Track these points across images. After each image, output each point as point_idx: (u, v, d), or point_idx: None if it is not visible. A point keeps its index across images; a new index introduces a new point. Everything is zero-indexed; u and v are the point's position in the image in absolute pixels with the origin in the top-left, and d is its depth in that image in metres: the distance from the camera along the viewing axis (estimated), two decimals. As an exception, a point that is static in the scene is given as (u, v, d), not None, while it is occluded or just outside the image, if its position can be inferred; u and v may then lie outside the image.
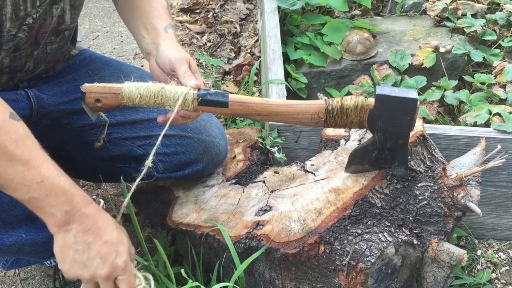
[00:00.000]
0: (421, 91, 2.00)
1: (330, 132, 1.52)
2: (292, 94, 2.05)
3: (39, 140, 1.38)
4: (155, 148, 1.11)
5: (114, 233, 1.01)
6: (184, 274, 1.28)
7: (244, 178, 1.49)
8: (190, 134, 1.38)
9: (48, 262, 1.46)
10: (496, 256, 1.68)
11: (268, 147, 1.59)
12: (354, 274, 1.17)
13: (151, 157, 1.09)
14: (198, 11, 3.01)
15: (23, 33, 1.11)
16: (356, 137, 1.44)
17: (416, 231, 1.25)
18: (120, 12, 1.38)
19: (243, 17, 2.96)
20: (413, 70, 2.07)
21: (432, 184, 1.24)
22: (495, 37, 2.17)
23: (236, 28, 2.84)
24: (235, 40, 2.78)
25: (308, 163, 1.44)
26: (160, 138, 1.10)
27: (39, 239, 1.23)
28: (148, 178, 1.44)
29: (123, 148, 1.38)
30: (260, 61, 2.36)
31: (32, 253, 1.25)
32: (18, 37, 1.11)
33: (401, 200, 1.25)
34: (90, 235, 0.97)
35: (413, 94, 1.08)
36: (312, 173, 1.39)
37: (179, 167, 1.39)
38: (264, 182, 1.44)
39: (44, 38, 1.19)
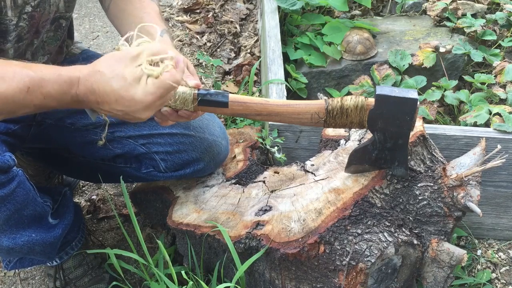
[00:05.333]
0: (421, 91, 2.00)
1: (330, 132, 1.52)
2: (292, 94, 2.05)
3: (43, 141, 1.39)
4: None
5: (120, 93, 0.94)
6: (184, 275, 1.29)
7: (244, 178, 1.49)
8: (192, 132, 1.38)
9: (50, 262, 1.46)
10: (496, 256, 1.68)
11: (268, 147, 1.59)
12: (354, 274, 1.17)
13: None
14: (198, 11, 3.01)
15: (23, 22, 1.12)
16: (356, 137, 1.44)
17: (416, 231, 1.25)
18: (111, 18, 1.37)
19: (243, 17, 2.96)
20: (413, 70, 2.07)
21: (432, 184, 1.24)
22: (495, 37, 2.16)
23: (236, 28, 2.84)
24: (235, 40, 2.78)
25: (308, 163, 1.44)
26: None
27: (48, 240, 1.25)
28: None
29: (126, 146, 1.38)
30: (260, 61, 2.36)
31: (41, 253, 1.27)
32: (19, 27, 1.13)
33: (401, 200, 1.25)
34: (103, 105, 0.96)
35: (413, 94, 1.08)
36: (312, 173, 1.39)
37: (180, 166, 1.39)
38: (264, 182, 1.44)
39: (44, 27, 1.21)
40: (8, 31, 1.11)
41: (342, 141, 1.47)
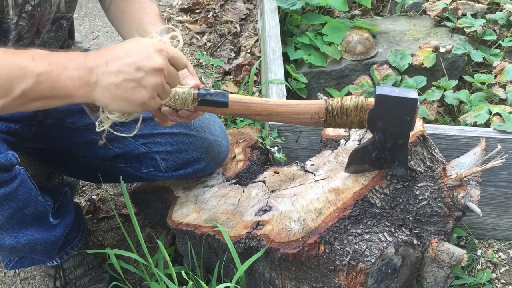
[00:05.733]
0: (421, 91, 2.00)
1: (330, 132, 1.52)
2: (292, 94, 2.05)
3: (43, 140, 1.39)
4: None
5: (128, 47, 0.94)
6: (184, 275, 1.29)
7: (244, 178, 1.49)
8: (193, 132, 1.38)
9: (50, 262, 1.46)
10: (496, 256, 1.68)
11: (268, 147, 1.59)
12: (354, 274, 1.17)
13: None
14: (198, 11, 3.01)
15: (23, 21, 1.13)
16: (356, 137, 1.44)
17: (416, 231, 1.25)
18: (111, 18, 1.37)
19: (243, 17, 2.96)
20: (413, 70, 2.07)
21: (432, 184, 1.24)
22: (495, 37, 2.17)
23: (236, 28, 2.84)
24: (235, 40, 2.78)
25: (308, 163, 1.44)
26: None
27: (50, 239, 1.26)
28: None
29: (127, 146, 1.39)
30: (260, 61, 2.36)
31: (42, 253, 1.28)
32: (19, 26, 1.13)
33: (401, 200, 1.25)
34: (112, 63, 0.92)
35: (413, 94, 1.08)
36: (312, 173, 1.39)
37: (181, 166, 1.39)
38: (264, 182, 1.44)
39: (45, 27, 1.21)
40: (9, 30, 1.11)
41: (342, 141, 1.47)
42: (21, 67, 0.89)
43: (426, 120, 1.83)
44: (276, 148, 1.57)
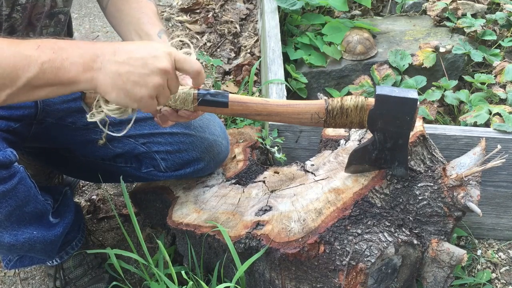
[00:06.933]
0: (421, 91, 2.00)
1: (330, 132, 1.52)
2: (292, 94, 2.05)
3: (43, 140, 1.40)
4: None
5: (138, 45, 0.96)
6: (184, 275, 1.29)
7: (244, 178, 1.49)
8: (193, 132, 1.38)
9: (50, 261, 1.46)
10: (496, 256, 1.68)
11: (268, 147, 1.59)
12: (354, 274, 1.17)
13: None
14: (198, 11, 3.01)
15: (17, 13, 1.13)
16: (356, 137, 1.44)
17: (416, 231, 1.25)
18: (109, 18, 1.37)
19: (243, 17, 2.96)
20: (413, 70, 2.07)
21: (432, 184, 1.24)
22: (495, 37, 2.17)
23: (236, 28, 2.84)
24: (235, 40, 2.78)
25: (308, 163, 1.44)
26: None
27: (49, 238, 1.26)
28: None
29: (127, 146, 1.39)
30: (260, 61, 2.36)
31: (42, 251, 1.28)
32: (12, 18, 1.13)
33: (401, 200, 1.25)
34: (120, 54, 0.93)
35: (413, 94, 1.08)
36: (312, 173, 1.39)
37: (181, 166, 1.39)
38: (264, 182, 1.44)
39: (39, 20, 1.20)
40: (1, 22, 1.12)
41: (342, 141, 1.47)
42: (26, 56, 0.90)
43: (426, 120, 1.83)
44: (276, 148, 1.57)
